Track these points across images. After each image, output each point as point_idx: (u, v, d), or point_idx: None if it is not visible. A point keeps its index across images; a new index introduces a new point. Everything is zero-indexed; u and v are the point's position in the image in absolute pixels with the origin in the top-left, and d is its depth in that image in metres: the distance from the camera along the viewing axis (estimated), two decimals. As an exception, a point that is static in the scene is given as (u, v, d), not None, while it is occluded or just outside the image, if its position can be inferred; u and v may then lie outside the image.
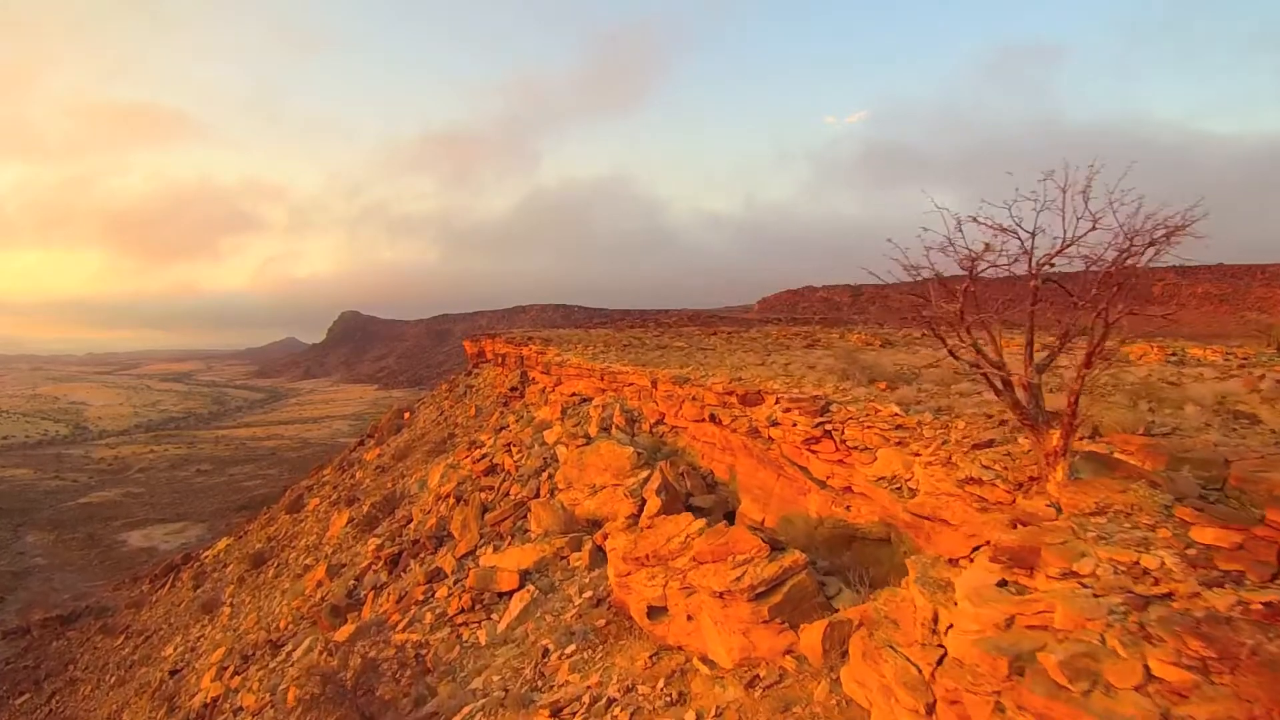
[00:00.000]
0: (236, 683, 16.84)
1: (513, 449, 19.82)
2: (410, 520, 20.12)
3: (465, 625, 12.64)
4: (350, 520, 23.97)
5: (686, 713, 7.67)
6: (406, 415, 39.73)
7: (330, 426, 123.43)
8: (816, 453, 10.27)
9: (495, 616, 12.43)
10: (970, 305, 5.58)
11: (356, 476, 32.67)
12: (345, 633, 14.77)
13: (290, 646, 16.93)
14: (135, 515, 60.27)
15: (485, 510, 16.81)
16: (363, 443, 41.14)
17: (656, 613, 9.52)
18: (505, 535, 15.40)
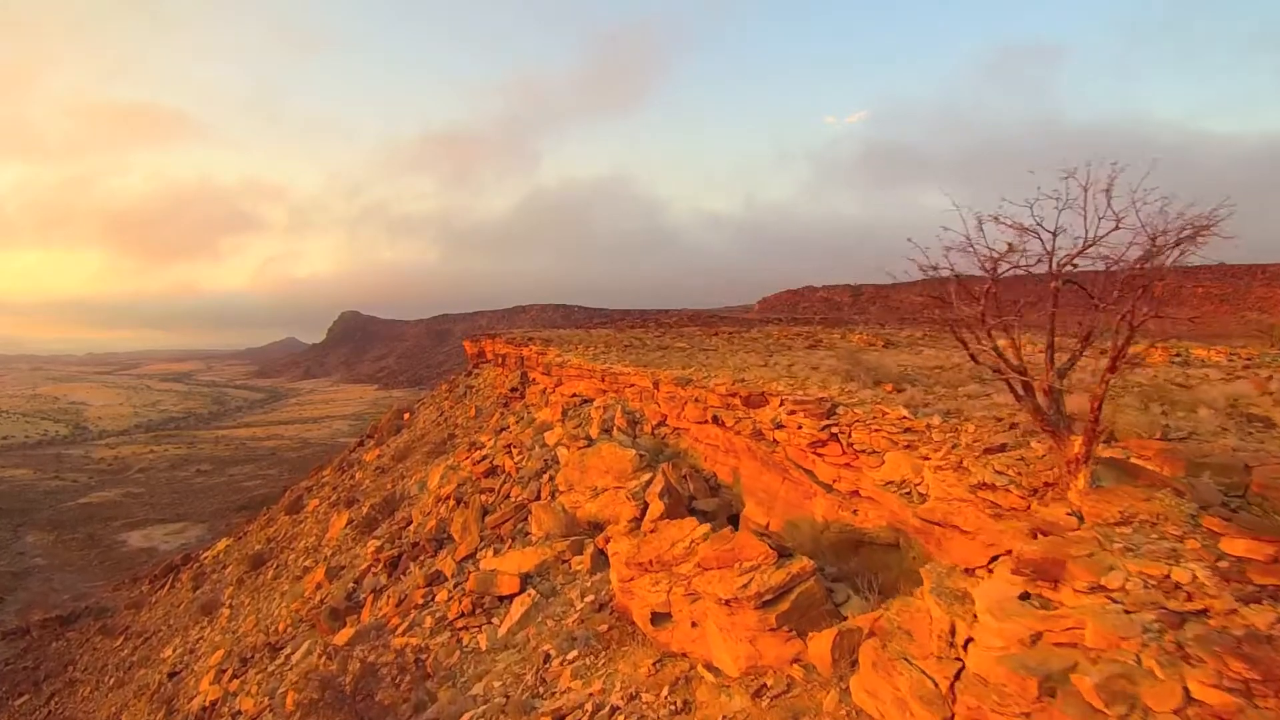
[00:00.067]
0: (235, 686, 16.69)
1: (513, 450, 19.63)
2: (410, 522, 19.93)
3: (465, 629, 12.47)
4: (350, 522, 23.79)
5: (692, 722, 7.51)
6: (406, 416, 39.56)
7: (330, 427, 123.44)
8: (822, 456, 10.08)
9: (496, 621, 12.26)
10: (992, 308, 5.41)
11: (356, 477, 32.51)
12: (344, 636, 14.60)
13: (289, 649, 16.77)
14: (135, 515, 60.20)
15: (485, 512, 16.63)
16: (362, 443, 40.99)
17: (660, 619, 9.35)
18: (506, 538, 15.22)
